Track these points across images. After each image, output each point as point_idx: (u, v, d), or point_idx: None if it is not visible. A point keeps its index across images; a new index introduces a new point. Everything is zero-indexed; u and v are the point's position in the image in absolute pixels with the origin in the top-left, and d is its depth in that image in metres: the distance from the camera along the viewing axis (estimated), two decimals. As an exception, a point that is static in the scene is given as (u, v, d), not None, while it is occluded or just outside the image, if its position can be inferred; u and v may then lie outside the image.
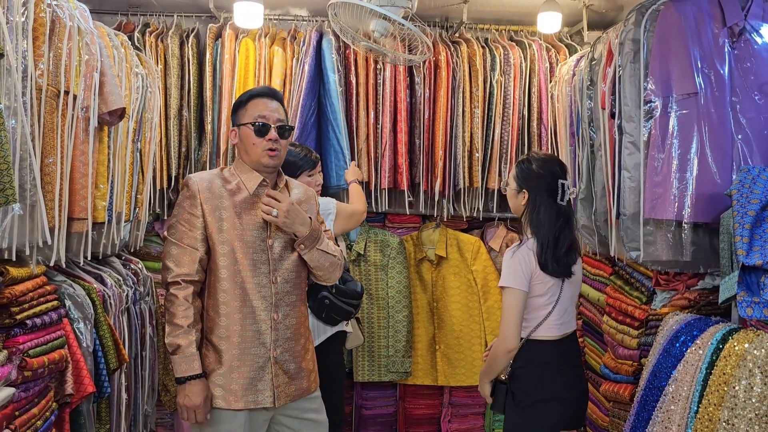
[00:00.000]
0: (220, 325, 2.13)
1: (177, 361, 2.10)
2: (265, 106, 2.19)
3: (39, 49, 2.01)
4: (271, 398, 2.15)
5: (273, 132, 2.17)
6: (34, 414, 2.02)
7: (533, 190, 2.33)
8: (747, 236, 1.86)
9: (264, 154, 2.17)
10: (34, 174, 1.93)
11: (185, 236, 2.12)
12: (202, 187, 2.14)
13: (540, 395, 2.27)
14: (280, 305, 2.17)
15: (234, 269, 2.13)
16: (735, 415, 1.73)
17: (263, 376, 2.15)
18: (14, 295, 1.94)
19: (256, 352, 2.14)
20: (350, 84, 3.61)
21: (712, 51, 2.37)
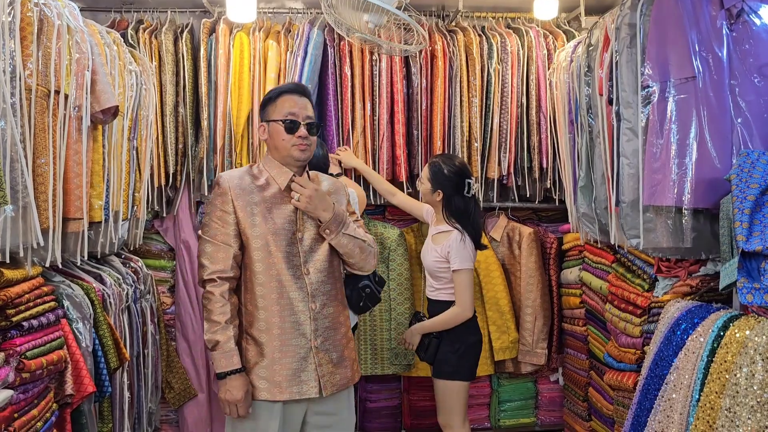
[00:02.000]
0: (259, 319, 2.19)
1: (217, 357, 2.15)
2: (295, 103, 2.23)
3: (27, 49, 1.99)
4: (316, 388, 2.20)
5: (302, 129, 2.22)
6: (34, 415, 2.02)
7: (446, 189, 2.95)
8: (747, 221, 1.84)
9: (294, 149, 2.22)
10: (25, 175, 1.92)
11: (218, 233, 2.18)
12: (232, 184, 2.21)
13: (471, 339, 2.97)
14: (317, 295, 2.23)
15: (269, 262, 2.19)
16: (737, 402, 1.71)
17: (306, 367, 2.20)
18: (9, 297, 1.93)
19: (297, 342, 2.19)
20: (345, 76, 3.57)
21: (710, 34, 2.33)
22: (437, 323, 2.96)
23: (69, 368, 2.24)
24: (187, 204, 3.70)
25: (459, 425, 2.96)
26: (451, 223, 2.94)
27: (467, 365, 2.97)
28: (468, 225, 2.93)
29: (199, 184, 3.65)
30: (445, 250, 2.90)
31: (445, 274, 2.93)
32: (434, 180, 2.95)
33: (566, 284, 3.70)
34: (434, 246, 2.98)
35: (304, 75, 3.49)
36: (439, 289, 3.00)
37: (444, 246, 2.91)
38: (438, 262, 2.94)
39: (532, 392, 3.91)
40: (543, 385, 3.91)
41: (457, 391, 2.95)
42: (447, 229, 2.95)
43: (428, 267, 3.02)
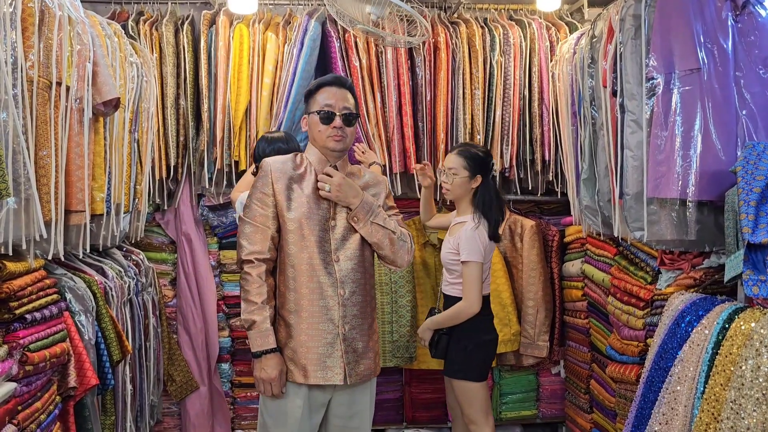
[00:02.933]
0: (290, 300, 2.23)
1: (252, 336, 2.20)
2: (332, 95, 2.27)
3: (29, 41, 1.98)
4: (341, 375, 2.22)
5: (338, 120, 2.25)
6: (38, 408, 2.02)
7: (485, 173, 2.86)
8: (752, 214, 1.83)
9: (329, 140, 2.26)
10: (27, 167, 1.90)
11: (258, 215, 2.24)
12: (274, 167, 2.27)
13: (482, 338, 2.85)
14: (346, 282, 2.25)
15: (301, 245, 2.23)
16: (742, 395, 1.71)
17: (332, 353, 2.22)
18: (12, 290, 1.92)
19: (324, 327, 2.22)
20: (353, 68, 3.55)
21: (715, 25, 2.32)
22: (444, 319, 2.86)
23: (72, 361, 2.24)
24: (188, 196, 3.69)
25: (482, 422, 2.86)
26: (477, 212, 2.83)
27: (476, 365, 2.84)
28: (497, 211, 2.84)
29: (200, 177, 3.64)
30: (457, 241, 2.80)
31: (457, 267, 2.81)
32: (472, 166, 2.83)
33: (568, 277, 3.70)
34: (449, 237, 2.90)
35: (299, 67, 3.48)
36: (452, 284, 2.88)
37: (456, 237, 2.82)
38: (451, 253, 2.84)
39: (534, 385, 3.92)
40: (544, 377, 3.91)
41: (469, 390, 2.83)
42: (465, 219, 2.85)
43: (443, 259, 2.93)
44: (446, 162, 2.90)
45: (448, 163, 2.88)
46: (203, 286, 3.65)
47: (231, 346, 3.77)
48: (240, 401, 3.80)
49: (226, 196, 3.68)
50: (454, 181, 2.85)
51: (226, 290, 3.76)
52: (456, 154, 2.88)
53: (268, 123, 3.54)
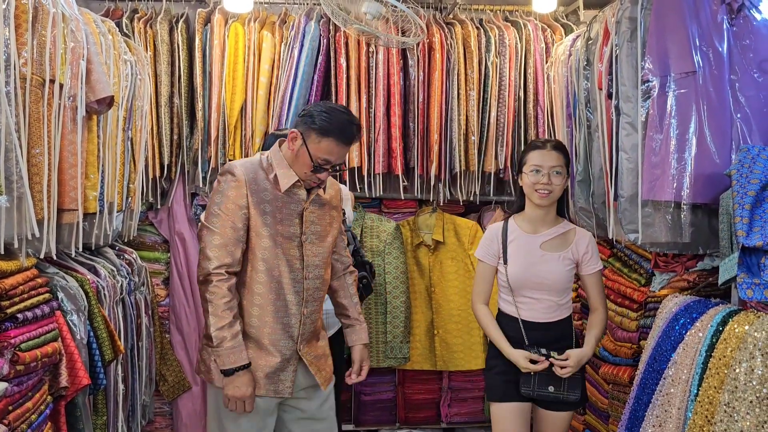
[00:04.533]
0: (253, 315, 2.18)
1: (223, 353, 2.10)
2: (337, 152, 2.13)
3: (22, 37, 1.95)
4: (290, 389, 2.22)
5: (325, 173, 2.17)
6: (29, 408, 2.00)
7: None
8: (747, 217, 1.83)
9: (309, 179, 2.18)
10: (20, 165, 1.89)
11: (228, 226, 2.12)
12: (249, 177, 2.13)
13: None
14: (310, 301, 2.24)
15: (273, 263, 2.16)
16: (735, 398, 1.72)
17: (287, 368, 2.21)
18: (3, 288, 1.90)
19: (284, 344, 2.20)
20: (340, 67, 3.53)
21: (710, 28, 2.33)
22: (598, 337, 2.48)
23: (63, 360, 2.22)
24: (181, 195, 3.67)
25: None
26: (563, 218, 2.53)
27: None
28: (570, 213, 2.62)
29: (194, 176, 3.63)
30: (580, 252, 2.45)
31: (571, 283, 2.51)
32: (568, 162, 2.49)
33: (562, 278, 3.70)
34: (558, 253, 2.45)
35: (300, 70, 3.47)
36: (562, 306, 2.48)
37: (575, 248, 2.46)
38: (570, 269, 2.46)
39: (527, 386, 3.92)
40: (537, 378, 3.91)
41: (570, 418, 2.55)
42: (567, 227, 2.50)
43: (552, 281, 2.44)
44: (546, 160, 2.41)
45: (549, 161, 2.41)
46: (196, 285, 3.63)
47: (224, 346, 3.75)
48: (232, 401, 3.79)
49: (220, 196, 3.65)
50: (556, 181, 2.42)
51: (219, 290, 3.75)
52: (554, 150, 2.46)
53: (265, 122, 3.52)
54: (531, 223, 2.50)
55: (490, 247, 2.52)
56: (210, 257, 2.12)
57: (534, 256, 2.44)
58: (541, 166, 2.40)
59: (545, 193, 2.40)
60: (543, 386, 2.38)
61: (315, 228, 2.23)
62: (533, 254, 2.45)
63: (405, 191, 3.69)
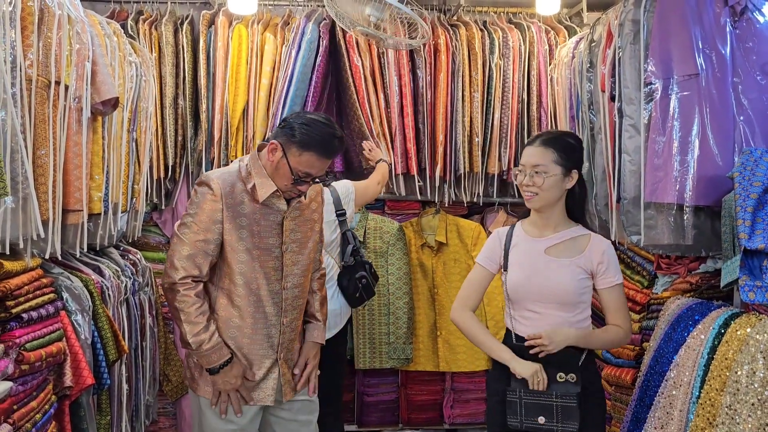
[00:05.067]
0: (231, 326, 2.19)
1: (206, 354, 2.12)
2: (318, 165, 2.10)
3: (28, 39, 1.98)
4: (272, 397, 2.22)
5: (306, 186, 2.14)
6: (33, 407, 2.02)
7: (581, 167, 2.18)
8: (749, 219, 1.84)
9: (288, 191, 2.15)
10: (25, 166, 1.91)
11: (199, 239, 2.10)
12: (225, 191, 2.10)
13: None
14: (289, 310, 2.23)
15: (251, 276, 2.15)
16: (737, 400, 1.72)
17: (269, 376, 2.22)
18: (9, 288, 1.92)
19: (264, 353, 2.21)
20: (355, 67, 3.55)
21: (713, 31, 2.33)
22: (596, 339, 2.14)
23: (68, 360, 2.23)
24: (185, 196, 3.69)
25: None
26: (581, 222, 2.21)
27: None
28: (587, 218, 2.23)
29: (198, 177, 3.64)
30: (594, 261, 2.11)
31: (586, 297, 2.13)
32: (567, 158, 2.12)
33: (565, 280, 3.70)
34: (569, 260, 2.11)
35: (296, 70, 3.49)
36: (573, 323, 2.11)
37: (588, 255, 2.11)
38: (582, 280, 2.10)
39: (530, 387, 3.92)
40: (540, 380, 3.91)
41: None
42: (580, 232, 2.16)
43: (560, 292, 2.10)
44: (528, 157, 2.14)
45: (532, 159, 2.13)
46: (200, 286, 3.65)
47: (227, 346, 3.76)
48: (236, 402, 3.80)
49: (224, 197, 3.67)
50: (544, 183, 2.10)
51: (222, 290, 3.76)
52: (540, 146, 2.14)
53: (266, 123, 3.54)
54: (536, 227, 2.21)
55: (492, 251, 2.26)
56: (177, 267, 2.10)
57: (537, 262, 2.13)
58: (524, 165, 2.14)
59: (529, 195, 2.13)
60: (532, 416, 2.02)
61: (295, 236, 2.21)
62: (537, 260, 2.14)
63: (420, 192, 3.71)
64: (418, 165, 3.67)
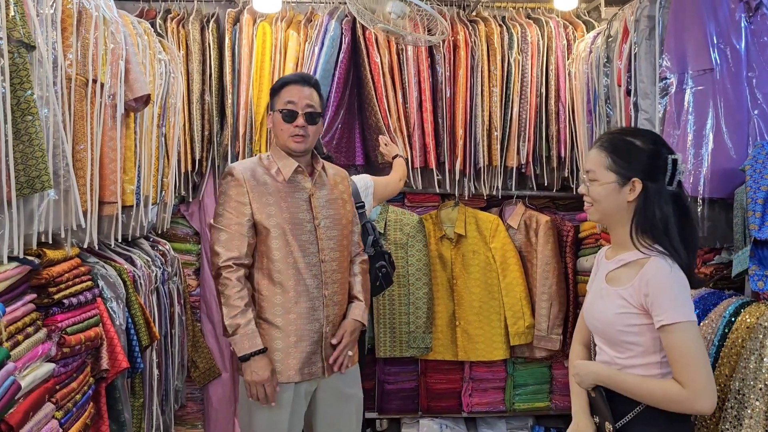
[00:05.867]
0: (275, 303, 2.27)
1: (239, 340, 2.20)
2: (296, 93, 2.29)
3: (67, 40, 2.08)
4: (322, 369, 2.32)
5: (300, 119, 2.28)
6: (74, 388, 2.13)
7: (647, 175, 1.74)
8: (759, 211, 1.89)
9: (290, 140, 2.29)
10: (67, 160, 2.02)
11: (233, 223, 2.25)
12: (246, 175, 2.27)
13: None
14: (329, 283, 2.33)
15: (286, 251, 2.26)
16: (746, 385, 1.78)
17: (317, 350, 2.31)
18: (51, 276, 2.03)
19: (311, 327, 2.30)
20: (375, 64, 3.63)
21: (728, 26, 2.36)
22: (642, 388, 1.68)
23: (104, 345, 2.35)
24: (212, 189, 3.80)
25: None
26: (644, 245, 1.73)
27: None
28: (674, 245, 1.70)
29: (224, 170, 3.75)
30: (640, 290, 1.67)
31: (637, 338, 1.70)
32: (625, 163, 1.74)
33: (582, 272, 3.76)
34: (614, 289, 1.75)
35: (319, 66, 3.57)
36: (625, 367, 1.74)
37: (636, 285, 1.68)
38: (626, 315, 1.70)
39: (547, 377, 3.99)
40: (557, 370, 3.98)
41: None
42: (638, 256, 1.72)
43: (602, 325, 1.78)
44: (585, 162, 1.88)
45: (586, 164, 1.84)
46: (226, 276, 3.76)
47: (252, 334, 3.87)
48: (260, 388, 3.91)
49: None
50: (590, 191, 1.80)
51: (247, 280, 3.87)
52: (595, 148, 1.81)
53: (290, 118, 3.63)
54: (611, 247, 1.87)
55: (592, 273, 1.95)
56: (218, 253, 2.24)
57: (598, 289, 1.85)
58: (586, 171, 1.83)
59: (586, 205, 1.84)
60: None
61: (327, 212, 2.34)
62: (598, 286, 1.85)
63: (439, 185, 3.79)
64: (437, 159, 3.74)
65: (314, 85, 2.36)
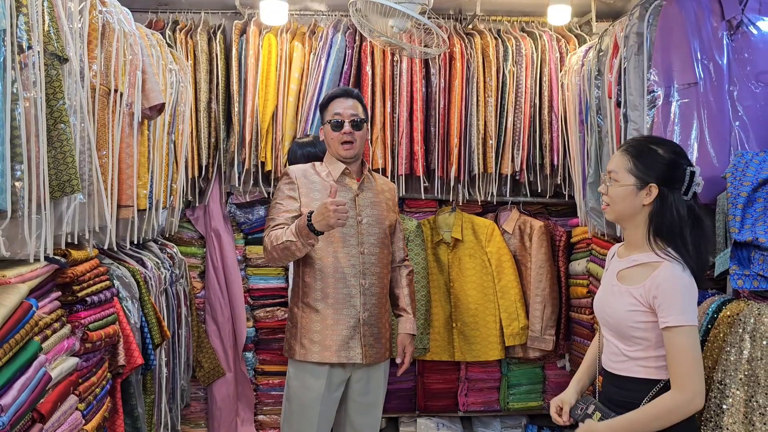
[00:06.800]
0: (316, 289, 2.55)
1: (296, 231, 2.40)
2: (340, 105, 2.60)
3: (92, 52, 2.20)
4: (361, 355, 2.54)
5: (347, 126, 2.57)
6: (94, 382, 2.23)
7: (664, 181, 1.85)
8: (739, 215, 2.03)
9: (340, 147, 2.59)
10: (92, 165, 2.14)
11: (280, 214, 2.55)
12: (298, 174, 2.62)
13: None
14: (367, 273, 2.57)
15: (327, 240, 2.53)
16: (727, 376, 1.92)
17: (354, 335, 2.54)
18: (75, 274, 2.14)
19: (348, 313, 2.54)
20: (365, 75, 3.76)
21: (711, 43, 2.50)
22: (641, 420, 1.79)
23: (121, 341, 2.45)
24: (217, 194, 3.92)
25: None
26: (659, 247, 1.84)
27: None
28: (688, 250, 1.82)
29: (230, 176, 3.87)
30: (650, 292, 1.80)
31: (645, 334, 1.83)
32: (645, 169, 1.85)
33: (574, 275, 3.89)
34: (626, 287, 1.87)
35: (326, 77, 3.70)
36: (631, 359, 1.87)
37: (647, 286, 1.81)
38: (634, 312, 1.83)
39: (540, 377, 4.11)
40: (550, 370, 4.10)
41: None
42: (653, 259, 1.84)
43: (614, 320, 1.89)
44: (609, 163, 1.99)
45: (609, 164, 1.96)
46: (230, 279, 3.88)
47: (255, 335, 3.98)
48: (262, 388, 4.02)
49: (253, 195, 3.91)
50: (609, 190, 1.92)
51: (251, 283, 3.98)
52: (620, 151, 1.94)
53: (294, 126, 3.76)
54: (624, 246, 2.00)
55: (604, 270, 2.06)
56: (268, 233, 2.54)
57: (609, 285, 1.96)
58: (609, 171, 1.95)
59: (603, 204, 1.96)
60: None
61: (371, 211, 2.60)
62: (609, 284, 1.96)
63: (425, 192, 3.92)
64: (426, 166, 3.87)
65: (356, 96, 2.66)
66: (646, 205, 1.86)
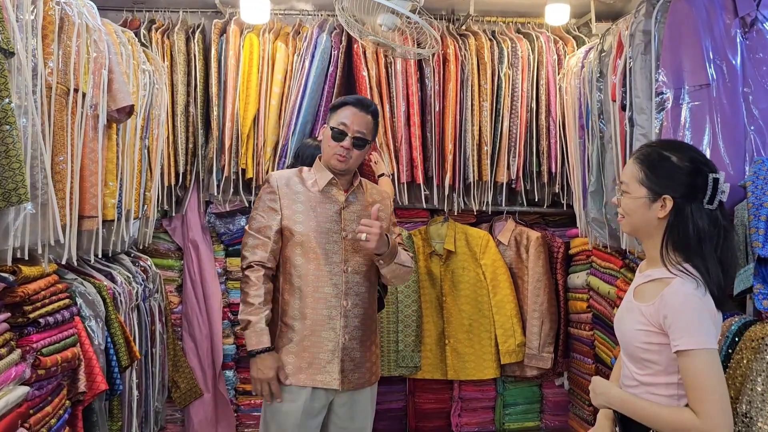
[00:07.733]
0: (294, 307, 2.34)
1: (248, 335, 2.29)
2: (351, 115, 2.34)
3: (48, 47, 2.01)
4: (338, 381, 2.33)
5: (347, 141, 2.33)
6: (48, 412, 2.03)
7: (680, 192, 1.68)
8: (762, 228, 1.85)
9: (334, 158, 2.35)
10: (45, 172, 1.93)
11: (261, 226, 2.35)
12: (281, 183, 2.38)
13: None
14: (350, 294, 2.36)
15: (308, 257, 2.33)
16: (753, 408, 1.72)
17: (332, 359, 2.33)
18: (27, 293, 1.94)
19: (326, 335, 2.33)
20: (362, 78, 3.58)
21: (724, 42, 2.35)
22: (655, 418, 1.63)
23: (82, 366, 2.25)
24: (195, 204, 3.71)
25: None
26: (673, 262, 1.67)
27: None
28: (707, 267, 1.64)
29: (208, 184, 3.67)
30: (660, 313, 1.62)
31: (654, 356, 1.66)
32: (657, 179, 1.69)
33: (573, 289, 3.72)
34: (637, 304, 1.71)
35: (310, 79, 3.53)
36: (642, 384, 1.70)
37: (657, 305, 1.63)
38: (645, 332, 1.66)
39: (537, 396, 3.93)
40: (548, 389, 3.92)
41: None
42: (663, 275, 1.67)
43: (625, 339, 1.75)
44: (622, 173, 1.85)
45: (622, 175, 1.82)
46: (209, 293, 3.67)
47: (236, 353, 3.77)
48: (243, 409, 3.80)
49: (233, 204, 3.71)
50: (621, 202, 1.79)
51: (231, 297, 3.76)
52: (632, 159, 1.78)
53: (277, 132, 3.57)
54: (646, 260, 1.82)
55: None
56: (245, 256, 2.35)
57: (627, 302, 1.80)
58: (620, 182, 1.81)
59: (618, 216, 1.83)
60: None
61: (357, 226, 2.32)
62: (627, 299, 1.81)
63: (426, 200, 3.75)
64: (424, 174, 3.69)
65: (372, 112, 2.40)
66: (662, 218, 1.69)
